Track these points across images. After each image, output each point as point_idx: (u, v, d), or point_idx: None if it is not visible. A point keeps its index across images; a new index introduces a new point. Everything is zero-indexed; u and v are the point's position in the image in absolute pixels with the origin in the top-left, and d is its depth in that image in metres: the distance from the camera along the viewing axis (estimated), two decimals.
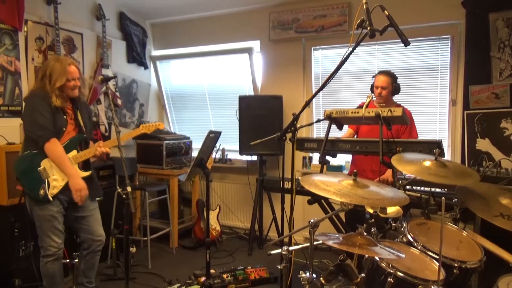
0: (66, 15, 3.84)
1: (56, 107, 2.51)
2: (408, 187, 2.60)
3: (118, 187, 3.73)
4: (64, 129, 2.56)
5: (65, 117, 2.58)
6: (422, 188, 2.75)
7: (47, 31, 3.69)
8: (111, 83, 4.33)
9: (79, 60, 4.05)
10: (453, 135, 3.70)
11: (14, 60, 3.44)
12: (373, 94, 3.11)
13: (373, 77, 3.21)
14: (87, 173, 2.66)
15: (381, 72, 3.16)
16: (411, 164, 2.04)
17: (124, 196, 2.48)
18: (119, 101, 4.51)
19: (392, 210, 2.20)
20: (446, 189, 2.73)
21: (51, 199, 2.47)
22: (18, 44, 3.46)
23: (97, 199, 2.82)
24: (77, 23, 4.05)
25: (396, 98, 3.30)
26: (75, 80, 2.58)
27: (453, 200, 2.35)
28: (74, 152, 2.60)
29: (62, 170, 2.50)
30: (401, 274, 1.75)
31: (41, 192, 2.45)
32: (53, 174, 2.50)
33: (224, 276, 3.22)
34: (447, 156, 3.70)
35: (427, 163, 1.99)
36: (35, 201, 2.49)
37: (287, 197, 2.78)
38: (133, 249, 3.36)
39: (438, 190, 2.73)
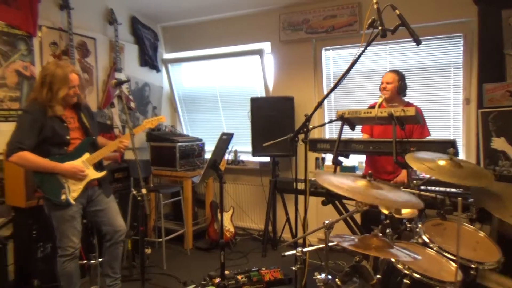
0: (79, 20, 3.90)
1: (55, 117, 2.51)
2: (422, 187, 2.57)
3: (133, 189, 3.77)
4: (67, 137, 2.57)
5: (65, 124, 2.58)
6: (437, 188, 2.72)
7: (61, 36, 3.76)
8: (124, 87, 4.40)
9: (92, 64, 4.12)
10: (468, 134, 3.65)
11: (29, 65, 3.51)
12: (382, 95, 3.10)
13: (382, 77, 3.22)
14: (102, 173, 2.71)
15: (389, 70, 3.20)
16: (425, 162, 2.02)
17: (139, 198, 2.52)
18: (132, 104, 4.57)
19: (407, 211, 2.19)
20: (461, 189, 2.70)
21: (73, 202, 2.52)
22: (33, 50, 3.53)
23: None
24: (90, 28, 4.11)
25: (409, 97, 3.28)
26: (75, 88, 2.57)
27: (469, 200, 2.33)
28: (86, 154, 2.64)
29: (49, 171, 2.48)
30: (417, 276, 1.74)
31: (63, 197, 2.50)
32: (72, 178, 2.55)
33: (239, 277, 3.23)
34: (462, 156, 3.65)
35: (442, 163, 1.97)
36: (55, 205, 2.52)
37: (301, 198, 2.78)
38: (148, 250, 3.41)
39: (453, 190, 2.70)
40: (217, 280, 3.01)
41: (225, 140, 2.97)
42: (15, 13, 3.35)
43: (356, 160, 4.04)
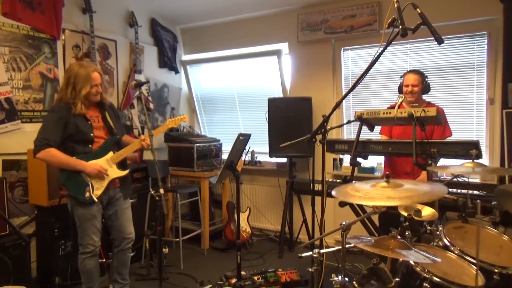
0: (101, 23, 3.99)
1: (79, 115, 2.57)
2: None
3: (151, 189, 3.82)
4: (91, 134, 2.63)
5: (89, 122, 2.64)
6: (459, 191, 2.66)
7: (83, 39, 3.85)
8: (143, 88, 4.46)
9: (113, 66, 4.19)
10: (491, 135, 3.55)
11: (53, 67, 3.61)
12: (402, 94, 3.04)
13: (401, 77, 3.14)
14: (125, 172, 2.75)
15: (410, 71, 3.11)
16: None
17: (157, 198, 2.54)
18: (151, 105, 4.64)
19: (427, 213, 2.14)
20: (484, 192, 2.62)
21: (96, 200, 2.58)
22: (56, 52, 3.63)
23: (130, 200, 2.91)
24: (111, 30, 4.19)
25: (431, 98, 3.22)
26: (98, 86, 2.62)
27: (493, 203, 2.26)
28: (110, 153, 2.68)
29: (73, 169, 2.53)
30: (437, 279, 1.70)
31: (87, 194, 2.55)
32: (95, 177, 2.60)
33: (255, 278, 3.22)
34: (485, 158, 3.55)
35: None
36: (79, 203, 2.58)
37: (318, 199, 2.76)
38: (165, 250, 3.45)
39: (476, 192, 2.63)
40: (234, 280, 3.01)
41: (242, 140, 2.97)
42: (39, 17, 3.45)
43: (375, 161, 3.98)
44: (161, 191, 2.53)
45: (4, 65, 3.23)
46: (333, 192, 1.74)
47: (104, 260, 3.00)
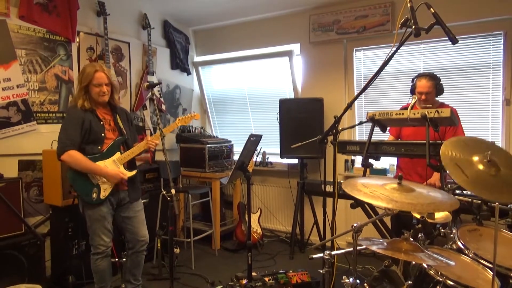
0: (114, 26, 4.04)
1: (91, 112, 2.62)
2: (458, 191, 2.47)
3: (162, 190, 3.86)
4: (102, 134, 2.66)
5: (101, 123, 2.67)
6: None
7: (97, 41, 3.90)
8: (156, 89, 4.47)
9: (126, 68, 4.24)
10: (507, 137, 3.49)
11: (67, 69, 3.66)
12: (415, 95, 3.00)
13: (413, 79, 3.09)
14: (133, 173, 2.76)
15: (423, 76, 3.00)
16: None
17: (168, 198, 2.56)
18: (163, 107, 4.67)
19: (440, 215, 2.11)
20: None
21: (102, 199, 2.60)
22: (71, 55, 3.68)
23: (142, 201, 2.93)
24: (125, 32, 4.24)
25: (445, 98, 3.17)
26: (101, 86, 2.63)
27: (508, 206, 2.22)
28: (117, 154, 2.69)
29: (93, 173, 2.58)
30: (451, 283, 1.67)
31: (94, 195, 2.58)
32: (102, 177, 2.62)
33: (266, 279, 3.21)
34: None
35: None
36: (87, 204, 2.61)
37: (329, 200, 2.74)
38: (177, 250, 3.46)
39: None
40: (244, 281, 3.01)
41: (253, 141, 2.97)
42: (55, 20, 3.52)
43: (387, 162, 3.94)
44: (173, 191, 2.54)
45: (21, 67, 3.30)
46: (341, 182, 1.73)
47: (116, 259, 3.03)
